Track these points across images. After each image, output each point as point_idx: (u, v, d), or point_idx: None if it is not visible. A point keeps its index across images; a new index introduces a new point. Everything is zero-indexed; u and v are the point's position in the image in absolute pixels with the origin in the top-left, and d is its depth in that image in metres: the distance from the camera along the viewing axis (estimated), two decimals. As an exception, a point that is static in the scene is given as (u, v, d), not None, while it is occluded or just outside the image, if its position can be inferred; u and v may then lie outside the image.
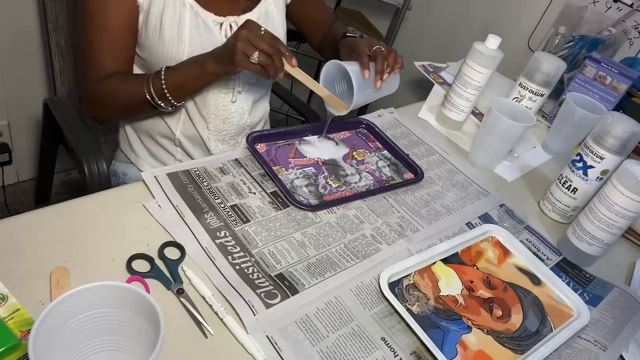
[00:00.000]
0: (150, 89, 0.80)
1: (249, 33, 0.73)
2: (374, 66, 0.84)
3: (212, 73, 0.79)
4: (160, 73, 0.79)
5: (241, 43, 0.73)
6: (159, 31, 0.82)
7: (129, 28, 0.83)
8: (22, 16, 1.36)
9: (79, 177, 1.44)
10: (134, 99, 0.82)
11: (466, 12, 1.68)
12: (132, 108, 0.86)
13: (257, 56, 0.73)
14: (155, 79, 0.80)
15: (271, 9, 0.93)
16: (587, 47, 1.25)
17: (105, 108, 0.87)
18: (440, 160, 0.97)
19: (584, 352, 0.66)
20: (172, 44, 0.83)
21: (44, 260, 0.59)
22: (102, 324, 0.48)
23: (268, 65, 0.75)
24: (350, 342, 0.60)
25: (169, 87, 0.79)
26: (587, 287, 0.78)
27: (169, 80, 0.79)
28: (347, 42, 0.95)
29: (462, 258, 0.76)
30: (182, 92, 0.82)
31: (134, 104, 0.83)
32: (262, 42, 0.73)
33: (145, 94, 0.80)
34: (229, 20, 0.87)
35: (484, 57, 0.97)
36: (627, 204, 0.74)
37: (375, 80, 0.84)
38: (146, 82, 0.80)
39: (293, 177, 0.82)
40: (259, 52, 0.73)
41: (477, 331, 0.65)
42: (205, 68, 0.78)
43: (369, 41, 0.89)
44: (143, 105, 0.82)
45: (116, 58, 0.83)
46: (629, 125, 0.79)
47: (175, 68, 0.81)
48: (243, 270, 0.64)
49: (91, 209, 0.67)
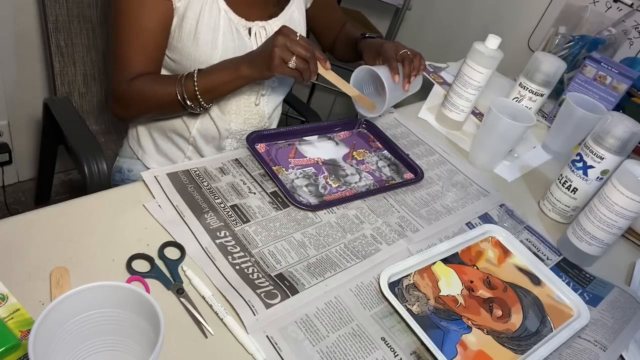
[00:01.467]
0: (182, 90, 0.81)
1: (285, 38, 0.75)
2: (401, 69, 0.89)
3: (246, 77, 0.80)
4: (193, 75, 0.80)
5: (279, 49, 0.74)
6: (193, 35, 0.84)
7: (163, 30, 0.84)
8: (22, 16, 1.36)
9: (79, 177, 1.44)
10: (165, 99, 0.83)
11: (466, 12, 1.68)
12: (161, 108, 0.87)
13: (295, 61, 0.75)
14: (187, 80, 0.80)
15: (295, 15, 0.96)
16: (587, 47, 1.25)
17: (134, 107, 0.87)
18: (440, 160, 0.97)
19: (584, 352, 0.66)
20: (206, 48, 0.84)
21: (44, 260, 0.59)
22: (102, 324, 0.48)
23: (304, 69, 0.76)
24: (350, 342, 0.60)
25: (201, 89, 0.80)
26: (587, 287, 0.78)
27: (202, 82, 0.80)
28: (372, 45, 0.99)
29: (462, 258, 0.76)
30: (214, 94, 0.83)
31: (164, 104, 0.84)
32: (298, 47, 0.75)
33: (176, 95, 0.81)
34: (258, 25, 0.89)
35: (484, 57, 0.96)
36: (627, 204, 0.74)
37: (404, 83, 0.89)
38: (178, 83, 0.81)
39: (293, 177, 0.82)
40: (296, 57, 0.75)
41: (477, 331, 0.65)
42: (240, 72, 0.79)
43: (395, 45, 0.93)
44: (173, 106, 0.84)
45: (147, 59, 0.84)
46: (629, 125, 0.79)
47: (208, 71, 0.81)
48: (243, 270, 0.64)
49: (91, 209, 0.67)
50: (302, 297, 0.63)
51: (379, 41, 0.99)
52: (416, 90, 0.96)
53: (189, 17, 0.83)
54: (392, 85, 0.87)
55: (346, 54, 1.12)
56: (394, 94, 0.89)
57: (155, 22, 0.82)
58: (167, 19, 0.83)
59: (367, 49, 1.00)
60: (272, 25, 0.91)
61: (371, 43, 1.00)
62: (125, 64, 0.84)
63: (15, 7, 1.34)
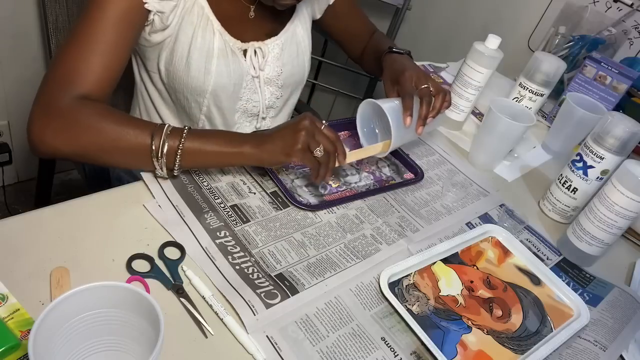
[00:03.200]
0: (161, 142, 0.66)
1: (312, 125, 0.69)
2: (417, 106, 0.80)
3: (248, 156, 0.71)
4: (183, 130, 0.68)
5: (306, 133, 0.69)
6: (185, 59, 0.79)
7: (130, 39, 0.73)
8: (22, 16, 1.36)
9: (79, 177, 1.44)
10: (128, 143, 0.66)
11: (466, 12, 1.68)
12: (114, 152, 0.67)
13: (320, 151, 0.69)
14: (174, 134, 0.67)
15: (298, 31, 0.90)
16: (587, 47, 1.25)
17: (76, 136, 0.66)
18: (440, 160, 0.97)
19: (584, 352, 0.66)
20: (199, 74, 0.80)
21: (44, 260, 0.59)
22: (102, 324, 0.48)
23: (325, 163, 0.71)
24: (350, 342, 0.60)
25: (185, 149, 0.68)
26: (587, 287, 0.78)
27: (191, 142, 0.68)
28: (393, 66, 0.88)
29: (462, 258, 0.76)
30: (197, 161, 0.70)
31: (123, 148, 0.67)
32: (324, 137, 0.70)
33: (149, 144, 0.67)
34: (254, 46, 0.84)
35: (484, 57, 0.96)
36: (627, 204, 0.74)
37: (417, 125, 0.80)
38: (157, 132, 0.67)
39: (293, 177, 0.82)
40: (322, 147, 0.70)
41: (477, 331, 0.65)
42: (242, 148, 0.70)
43: (417, 75, 0.83)
44: (134, 155, 0.68)
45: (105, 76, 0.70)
46: (629, 125, 0.79)
47: (202, 133, 0.70)
48: (243, 270, 0.64)
49: (91, 209, 0.67)
50: (302, 297, 0.63)
51: (401, 64, 0.87)
52: (435, 128, 0.86)
53: (182, 41, 0.78)
54: (400, 129, 0.78)
55: (373, 67, 1.02)
56: (403, 136, 0.79)
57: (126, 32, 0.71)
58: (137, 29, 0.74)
59: (388, 68, 0.90)
60: (269, 45, 0.86)
61: (393, 63, 0.89)
62: (74, 71, 0.67)
63: (15, 7, 1.34)
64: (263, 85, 0.89)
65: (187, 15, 0.77)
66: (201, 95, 0.83)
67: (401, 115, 0.78)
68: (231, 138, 0.71)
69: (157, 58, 0.82)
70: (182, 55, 0.79)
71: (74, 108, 0.66)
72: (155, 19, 0.75)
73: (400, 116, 0.78)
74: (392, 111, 0.78)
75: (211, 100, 0.85)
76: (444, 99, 0.82)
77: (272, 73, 0.89)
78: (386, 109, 0.78)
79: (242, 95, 0.88)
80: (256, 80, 0.87)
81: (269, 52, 0.86)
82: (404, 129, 0.79)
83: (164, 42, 0.79)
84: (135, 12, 0.71)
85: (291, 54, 0.90)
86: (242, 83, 0.86)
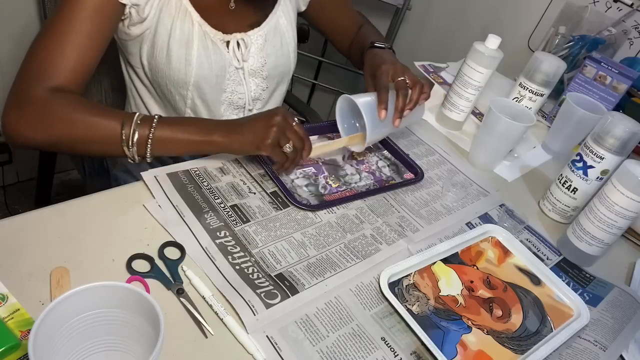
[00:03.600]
0: (131, 131, 0.68)
1: (284, 122, 0.71)
2: (394, 98, 0.80)
3: (217, 145, 0.72)
4: (153, 119, 0.69)
5: (277, 129, 0.70)
6: (166, 51, 0.79)
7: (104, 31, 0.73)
8: (22, 16, 1.36)
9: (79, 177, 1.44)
10: (99, 132, 0.68)
11: (466, 12, 1.68)
12: (86, 141, 0.69)
13: (290, 147, 0.71)
14: (144, 122, 0.69)
15: (281, 21, 0.90)
16: (587, 47, 1.25)
17: (48, 127, 0.68)
18: (440, 160, 0.97)
19: (584, 352, 0.66)
20: (179, 65, 0.80)
21: (44, 260, 0.59)
22: (102, 324, 0.48)
23: (292, 158, 0.73)
24: (350, 342, 0.60)
25: (156, 138, 0.69)
26: (587, 287, 0.78)
27: (161, 130, 0.69)
28: (373, 60, 0.88)
29: (462, 258, 0.76)
30: (168, 149, 0.71)
31: (95, 137, 0.69)
32: (294, 134, 0.72)
33: (119, 133, 0.68)
34: (236, 37, 0.84)
35: (484, 57, 0.96)
36: (627, 204, 0.74)
37: (394, 117, 0.80)
38: (127, 120, 0.68)
39: (293, 177, 0.82)
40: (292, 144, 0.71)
41: (477, 331, 0.65)
42: (212, 137, 0.71)
43: (393, 69, 0.82)
44: (106, 144, 0.69)
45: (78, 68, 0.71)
46: (629, 125, 0.79)
47: (172, 121, 0.71)
48: (243, 270, 0.64)
49: (91, 209, 0.67)
50: (302, 297, 0.63)
51: (380, 58, 0.87)
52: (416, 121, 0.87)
53: (161, 33, 0.78)
54: (375, 122, 0.78)
55: (359, 62, 1.00)
56: (379, 130, 0.80)
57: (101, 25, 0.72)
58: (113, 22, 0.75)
59: (367, 63, 0.90)
60: (252, 36, 0.86)
61: (373, 57, 0.89)
62: (48, 63, 0.69)
63: (15, 7, 1.34)
64: (247, 76, 0.89)
65: (165, 6, 0.78)
66: (184, 87, 0.83)
67: (376, 109, 0.79)
68: (201, 126, 0.72)
69: (139, 52, 0.82)
70: (162, 48, 0.79)
71: (47, 99, 0.68)
72: (132, 12, 0.76)
73: (375, 110, 0.79)
74: (367, 106, 0.78)
75: (194, 92, 0.85)
76: (421, 91, 0.82)
77: (256, 64, 0.88)
78: (360, 104, 0.78)
79: (226, 87, 0.88)
80: (240, 71, 0.87)
81: (251, 43, 0.86)
82: (380, 123, 0.79)
83: (143, 34, 0.79)
84: (110, 6, 0.72)
85: (275, 45, 0.90)
86: (225, 74, 0.86)
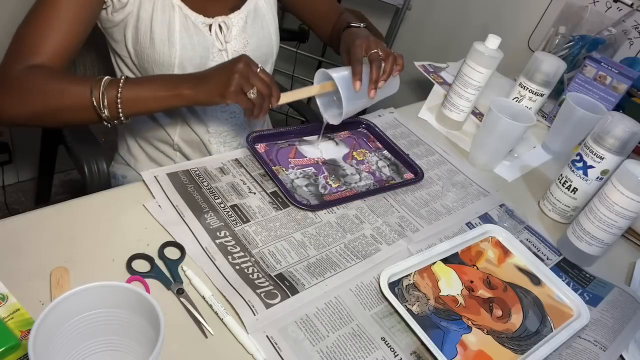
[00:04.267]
0: (100, 94, 0.70)
1: (247, 68, 0.71)
2: (368, 70, 0.81)
3: (185, 98, 0.72)
4: (119, 80, 0.71)
5: (240, 76, 0.70)
6: (149, 35, 0.80)
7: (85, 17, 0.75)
8: (22, 16, 1.36)
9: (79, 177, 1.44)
10: (72, 99, 0.71)
11: (466, 12, 1.68)
12: (62, 109, 0.72)
13: (254, 92, 0.71)
14: (111, 84, 0.71)
15: (261, 4, 0.91)
16: (587, 47, 1.25)
17: (24, 98, 0.71)
18: (440, 160, 0.97)
19: (584, 352, 0.66)
20: (163, 47, 0.81)
21: (44, 260, 0.59)
22: (102, 324, 0.48)
23: (259, 104, 0.72)
24: (350, 342, 0.60)
25: (124, 98, 0.70)
26: (587, 287, 0.78)
27: (128, 90, 0.71)
28: (348, 37, 0.90)
29: (462, 258, 0.76)
30: (138, 108, 0.73)
31: (69, 105, 0.71)
32: (259, 80, 0.71)
33: (90, 98, 0.70)
34: (218, 20, 0.85)
35: (484, 57, 0.96)
36: (627, 204, 0.74)
37: (369, 89, 0.81)
38: (95, 85, 0.70)
39: (293, 177, 0.82)
40: (256, 89, 0.71)
41: (477, 331, 0.65)
42: (179, 90, 0.72)
43: (367, 42, 0.83)
44: (80, 110, 0.71)
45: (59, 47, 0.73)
46: (629, 125, 0.79)
47: (138, 80, 0.74)
48: (243, 270, 0.64)
49: (91, 209, 0.67)
50: (302, 297, 0.63)
51: (355, 35, 0.89)
52: (392, 93, 0.88)
53: (143, 18, 0.79)
54: (351, 93, 0.79)
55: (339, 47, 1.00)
56: (355, 101, 0.81)
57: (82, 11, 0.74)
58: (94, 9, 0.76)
59: (343, 41, 0.91)
60: (233, 19, 0.87)
61: (348, 35, 0.90)
62: (30, 44, 0.71)
63: (15, 7, 1.34)
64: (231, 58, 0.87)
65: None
66: (169, 69, 0.84)
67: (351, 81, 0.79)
68: (167, 82, 0.73)
69: (123, 39, 0.83)
70: (146, 32, 0.80)
71: (23, 75, 0.70)
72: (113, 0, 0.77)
73: (350, 83, 0.79)
74: (342, 79, 0.79)
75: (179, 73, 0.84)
76: (393, 62, 0.82)
77: (238, 46, 0.89)
78: (335, 77, 0.79)
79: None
80: (224, 53, 0.88)
81: (232, 26, 0.87)
82: (355, 94, 0.80)
83: (126, 20, 0.80)
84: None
85: (255, 27, 0.91)
86: (209, 56, 0.86)
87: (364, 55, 0.82)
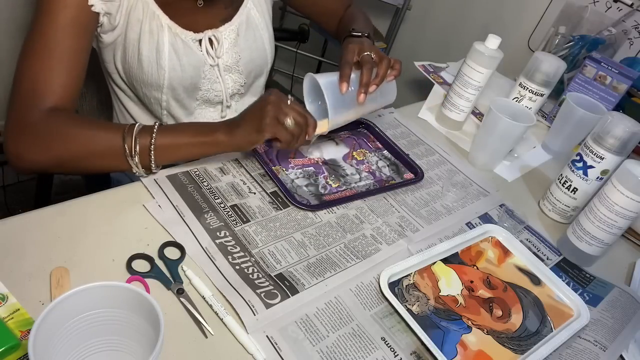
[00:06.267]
0: (133, 142, 0.67)
1: (277, 98, 0.69)
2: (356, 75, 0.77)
3: (222, 144, 0.71)
4: (153, 127, 0.68)
5: (272, 107, 0.68)
6: (137, 56, 0.78)
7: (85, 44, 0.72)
8: (22, 16, 1.36)
9: (79, 177, 1.44)
10: (101, 145, 0.68)
11: (466, 12, 1.68)
12: (88, 156, 0.69)
13: (291, 122, 0.69)
14: (144, 132, 0.68)
15: (252, 14, 0.89)
16: (587, 47, 1.25)
17: (50, 147, 0.67)
18: (440, 160, 0.97)
19: (584, 352, 0.66)
20: (151, 69, 0.79)
21: (44, 260, 0.59)
22: (102, 324, 0.48)
23: (297, 134, 0.70)
24: (350, 342, 0.60)
25: (158, 145, 0.68)
26: (587, 287, 0.78)
27: (162, 138, 0.68)
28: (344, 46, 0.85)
29: (462, 258, 0.76)
30: (171, 155, 0.71)
31: (96, 151, 0.68)
32: (292, 109, 0.70)
33: (121, 144, 0.67)
34: (208, 34, 0.83)
35: (484, 57, 0.96)
36: (627, 204, 0.74)
37: (358, 92, 0.77)
38: (128, 133, 0.67)
39: (293, 177, 0.82)
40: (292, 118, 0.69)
41: (477, 331, 0.65)
42: (214, 137, 0.70)
43: (359, 46, 0.80)
44: (107, 157, 0.69)
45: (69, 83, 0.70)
46: (629, 125, 0.79)
47: (172, 127, 0.71)
48: (243, 270, 0.64)
49: (91, 209, 0.67)
50: (302, 297, 0.63)
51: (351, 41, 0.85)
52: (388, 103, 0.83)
53: (131, 38, 0.77)
54: (337, 98, 0.75)
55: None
56: (343, 108, 0.77)
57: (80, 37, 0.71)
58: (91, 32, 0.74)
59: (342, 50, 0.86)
60: (224, 32, 0.85)
61: (346, 44, 0.85)
62: (38, 82, 0.68)
63: (15, 7, 1.34)
64: (223, 73, 0.88)
65: (132, 11, 0.76)
66: (158, 90, 0.83)
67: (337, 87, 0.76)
68: (202, 128, 0.72)
69: (113, 59, 0.82)
70: (134, 53, 0.79)
71: (44, 120, 0.67)
72: (104, 20, 0.75)
73: (335, 87, 0.76)
74: (329, 84, 0.75)
75: (169, 94, 0.84)
76: (388, 66, 0.78)
77: (231, 60, 0.87)
78: (322, 83, 0.75)
79: (201, 86, 0.87)
80: (215, 68, 0.86)
81: (224, 39, 0.85)
82: (343, 102, 0.76)
83: (115, 42, 0.79)
84: (84, 16, 0.71)
85: (248, 39, 0.89)
86: (200, 74, 0.85)
87: (356, 58, 0.79)
